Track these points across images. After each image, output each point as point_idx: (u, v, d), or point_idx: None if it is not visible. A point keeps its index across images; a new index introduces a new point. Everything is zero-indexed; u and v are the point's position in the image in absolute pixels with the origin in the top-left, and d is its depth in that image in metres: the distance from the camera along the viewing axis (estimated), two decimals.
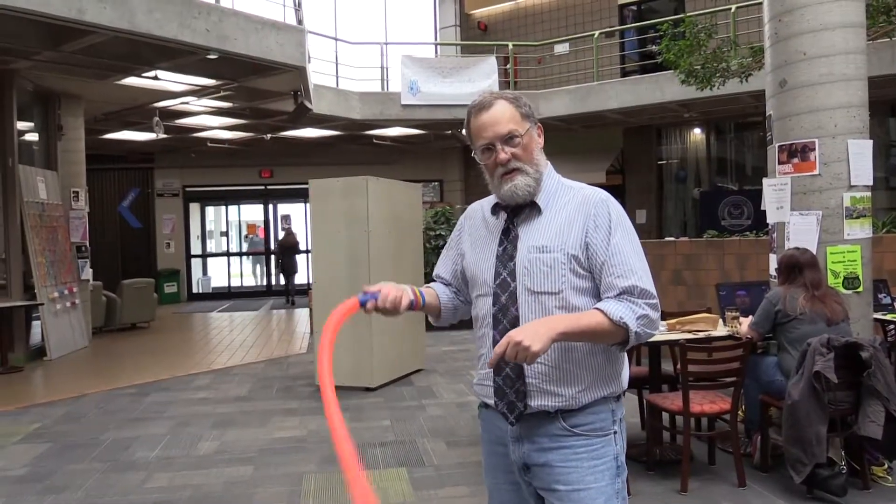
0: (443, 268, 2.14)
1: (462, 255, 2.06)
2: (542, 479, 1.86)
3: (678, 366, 4.47)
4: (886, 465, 4.15)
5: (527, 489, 1.93)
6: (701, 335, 4.46)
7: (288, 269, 15.54)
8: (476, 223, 2.03)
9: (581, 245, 1.82)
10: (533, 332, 1.67)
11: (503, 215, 1.93)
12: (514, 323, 1.83)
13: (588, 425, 1.84)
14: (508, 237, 1.90)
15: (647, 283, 1.79)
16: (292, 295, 15.52)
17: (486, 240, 1.97)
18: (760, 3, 4.97)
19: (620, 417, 1.90)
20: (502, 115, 1.84)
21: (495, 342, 1.83)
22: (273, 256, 17.20)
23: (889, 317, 5.10)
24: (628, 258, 1.79)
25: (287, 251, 15.53)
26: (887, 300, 5.39)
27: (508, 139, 1.84)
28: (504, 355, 1.67)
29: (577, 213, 1.84)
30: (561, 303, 1.81)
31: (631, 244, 1.82)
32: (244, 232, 18.87)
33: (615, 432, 1.87)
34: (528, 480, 1.90)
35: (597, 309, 1.77)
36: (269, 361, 8.74)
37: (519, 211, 1.90)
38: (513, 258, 1.87)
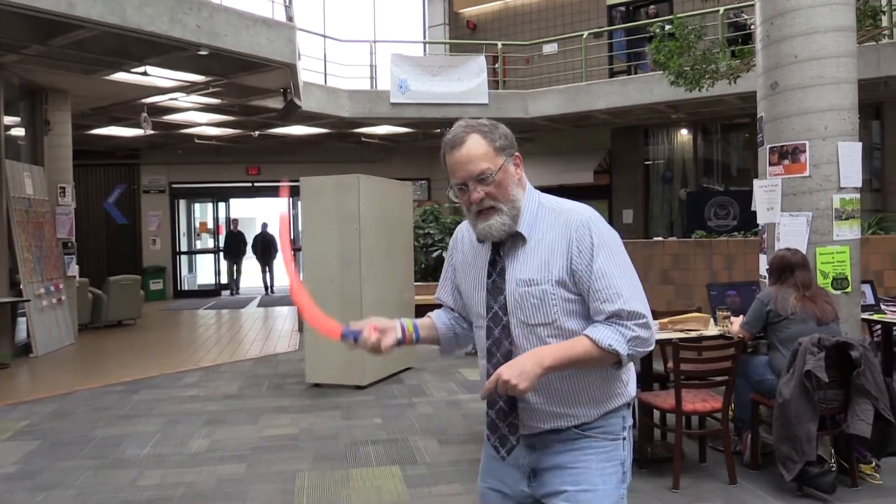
0: (443, 291, 2.12)
1: (457, 279, 2.06)
2: (550, 483, 1.86)
3: (669, 364, 4.51)
4: (874, 463, 4.21)
5: (525, 501, 1.92)
6: (693, 334, 4.51)
7: (267, 260, 17.77)
8: (464, 248, 2.01)
9: (567, 271, 1.79)
10: (520, 370, 1.69)
11: (488, 244, 1.90)
12: (507, 356, 1.82)
13: (600, 429, 1.86)
14: (496, 269, 1.87)
15: (636, 303, 1.76)
16: (271, 281, 17.74)
17: (474, 268, 1.95)
18: (751, 6, 5.02)
19: (630, 425, 1.92)
20: (475, 153, 1.79)
21: (489, 374, 1.82)
22: (252, 250, 18.39)
23: (876, 317, 5.17)
24: (613, 280, 1.76)
25: (265, 245, 17.69)
26: (872, 300, 5.46)
27: (481, 179, 1.80)
28: (496, 390, 1.71)
29: (560, 238, 1.81)
30: (555, 331, 1.81)
31: (616, 264, 1.78)
32: (197, 230, 18.69)
33: (624, 439, 1.89)
34: (529, 492, 1.90)
35: (585, 336, 1.76)
36: (258, 359, 8.71)
37: (503, 240, 1.87)
38: (502, 292, 1.85)
